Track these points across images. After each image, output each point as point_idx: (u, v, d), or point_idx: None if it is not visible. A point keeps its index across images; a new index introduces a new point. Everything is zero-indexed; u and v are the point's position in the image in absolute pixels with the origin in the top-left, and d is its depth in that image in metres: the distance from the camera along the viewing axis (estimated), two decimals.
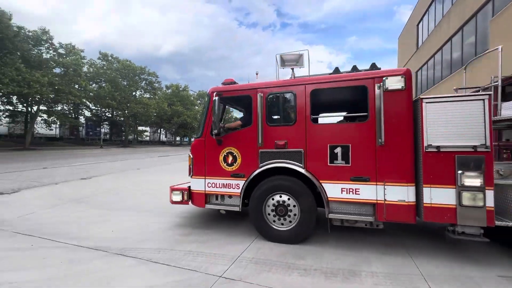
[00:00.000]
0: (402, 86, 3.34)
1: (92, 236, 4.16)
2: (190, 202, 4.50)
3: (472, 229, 3.16)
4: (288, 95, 3.99)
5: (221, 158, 4.27)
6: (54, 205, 6.00)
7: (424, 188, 3.26)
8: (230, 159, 4.21)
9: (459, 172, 3.11)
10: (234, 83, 4.52)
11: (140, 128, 53.35)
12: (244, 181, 4.09)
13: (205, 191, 4.37)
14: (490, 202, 3.01)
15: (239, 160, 4.15)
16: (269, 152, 3.97)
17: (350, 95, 4.27)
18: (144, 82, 50.43)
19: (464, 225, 3.15)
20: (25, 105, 30.22)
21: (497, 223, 3.05)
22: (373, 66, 3.82)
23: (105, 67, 42.65)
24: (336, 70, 4.05)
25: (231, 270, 3.11)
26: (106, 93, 38.52)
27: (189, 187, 4.52)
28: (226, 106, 5.24)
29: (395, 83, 3.36)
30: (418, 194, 3.36)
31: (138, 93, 49.71)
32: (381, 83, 3.41)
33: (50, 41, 28.57)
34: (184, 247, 3.77)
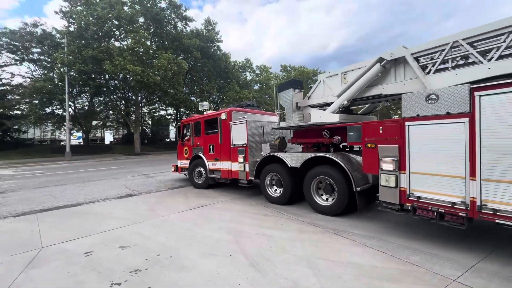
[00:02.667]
0: (226, 117, 7.29)
1: (308, 214, 5.18)
2: (177, 172, 9.87)
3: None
4: (197, 123, 8.60)
5: (184, 151, 9.32)
6: None
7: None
8: (186, 152, 9.16)
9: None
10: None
11: None
12: (190, 161, 8.83)
13: (180, 166, 9.65)
14: None
15: (189, 152, 8.99)
16: (195, 148, 8.65)
17: (214, 122, 7.86)
18: None
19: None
20: None
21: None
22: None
23: (285, 77, 50.41)
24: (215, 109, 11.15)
25: (465, 277, 2.75)
26: None
27: (177, 165, 9.87)
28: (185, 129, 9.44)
29: (224, 116, 7.36)
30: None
31: None
32: (220, 117, 7.47)
33: (251, 66, 38.08)
34: (394, 240, 3.78)
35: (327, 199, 5.19)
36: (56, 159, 21.88)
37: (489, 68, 3.44)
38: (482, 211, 2.97)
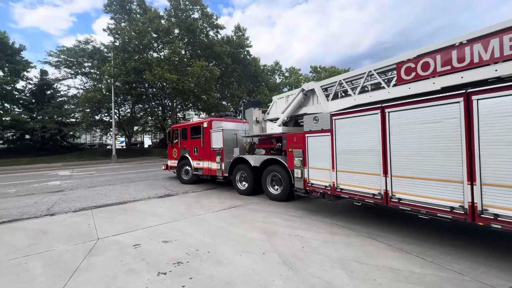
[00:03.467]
0: (207, 125, 9.05)
1: (341, 218, 5.13)
2: (167, 170, 11.63)
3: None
4: (185, 129, 10.35)
5: (173, 152, 10.97)
6: None
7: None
8: (175, 153, 10.80)
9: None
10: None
11: None
12: (178, 161, 10.54)
13: (170, 165, 11.35)
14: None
15: (177, 153, 10.61)
16: (182, 150, 10.32)
17: (198, 129, 9.64)
18: None
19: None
20: None
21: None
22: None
23: (315, 78, 49.60)
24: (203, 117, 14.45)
25: None
26: None
27: (167, 164, 11.53)
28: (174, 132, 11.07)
29: (206, 124, 9.11)
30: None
31: None
32: (202, 125, 9.25)
33: (280, 69, 38.16)
34: (434, 246, 3.59)
35: (277, 189, 6.86)
36: (104, 161, 24.17)
37: (355, 99, 5.24)
38: (336, 190, 4.78)
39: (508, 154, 2.84)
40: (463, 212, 3.14)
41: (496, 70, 3.43)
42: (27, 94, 30.93)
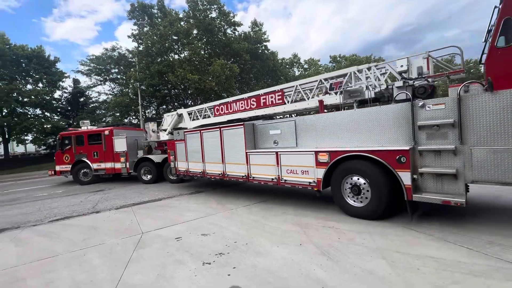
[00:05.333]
0: (109, 133, 11.41)
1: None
2: (55, 175, 12.79)
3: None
4: (80, 136, 12.05)
5: (64, 158, 12.37)
6: None
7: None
8: (67, 158, 12.18)
9: None
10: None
11: None
12: (72, 165, 12.02)
13: (59, 170, 12.43)
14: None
15: (70, 158, 12.13)
16: (78, 155, 12.04)
17: (98, 136, 11.70)
18: None
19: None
20: None
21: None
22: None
23: (336, 68, 48.09)
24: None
25: None
26: None
27: (55, 169, 12.68)
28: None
29: (107, 132, 11.46)
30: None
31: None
32: (104, 133, 11.53)
33: (299, 62, 37.52)
34: (480, 236, 3.44)
35: (173, 176, 10.03)
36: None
37: (201, 122, 9.66)
38: (189, 172, 8.45)
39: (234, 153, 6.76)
40: (243, 176, 6.63)
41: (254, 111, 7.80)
42: (63, 102, 33.37)
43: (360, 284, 2.58)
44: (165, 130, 11.03)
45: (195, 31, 26.86)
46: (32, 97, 25.88)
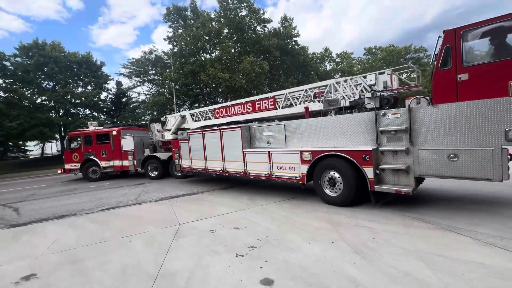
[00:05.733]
0: (116, 133, 12.34)
1: (417, 211, 4.79)
2: (65, 173, 13.40)
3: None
4: (89, 136, 12.86)
5: (73, 156, 13.10)
6: None
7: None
8: (76, 157, 12.98)
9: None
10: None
11: None
12: (81, 163, 12.86)
13: (68, 168, 13.08)
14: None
15: (79, 157, 13.00)
16: (86, 154, 12.79)
17: (106, 136, 12.60)
18: (410, 61, 46.61)
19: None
20: None
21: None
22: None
23: (370, 60, 45.47)
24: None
25: None
26: None
27: (64, 168, 13.34)
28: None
29: (115, 132, 12.38)
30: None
31: (404, 75, 47.02)
32: (111, 133, 12.38)
33: (330, 55, 36.23)
34: None
35: (177, 172, 10.82)
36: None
37: (202, 123, 10.46)
38: (192, 169, 9.30)
39: (233, 152, 7.57)
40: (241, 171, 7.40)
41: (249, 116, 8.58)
42: (108, 103, 36.52)
43: (396, 285, 2.50)
44: (169, 130, 11.70)
45: (225, 30, 27.40)
46: (83, 98, 28.79)
